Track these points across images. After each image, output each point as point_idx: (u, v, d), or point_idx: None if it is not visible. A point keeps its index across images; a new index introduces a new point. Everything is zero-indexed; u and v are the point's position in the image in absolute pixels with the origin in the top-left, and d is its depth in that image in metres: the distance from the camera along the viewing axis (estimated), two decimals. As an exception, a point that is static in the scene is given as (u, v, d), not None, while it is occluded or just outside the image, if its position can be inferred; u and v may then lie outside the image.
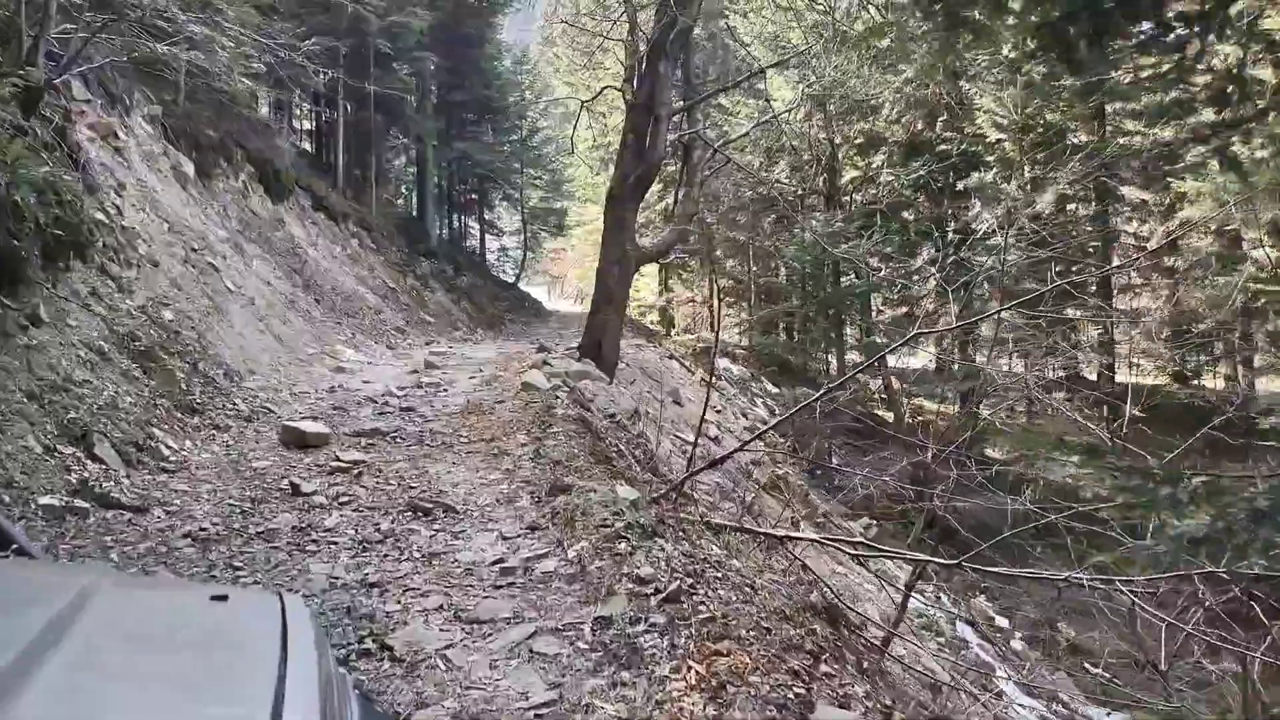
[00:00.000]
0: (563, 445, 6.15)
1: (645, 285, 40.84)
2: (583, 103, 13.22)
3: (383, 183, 28.69)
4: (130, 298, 7.05)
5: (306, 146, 28.95)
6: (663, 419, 9.58)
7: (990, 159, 19.59)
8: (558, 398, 7.99)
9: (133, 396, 5.59)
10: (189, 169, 13.77)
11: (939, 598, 14.52)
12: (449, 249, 30.81)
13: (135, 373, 5.93)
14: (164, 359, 6.47)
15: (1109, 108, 18.89)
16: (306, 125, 30.74)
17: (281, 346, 11.14)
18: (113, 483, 4.76)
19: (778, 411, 19.97)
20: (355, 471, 5.47)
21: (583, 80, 43.70)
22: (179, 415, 6.12)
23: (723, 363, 22.14)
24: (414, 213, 31.34)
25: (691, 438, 10.89)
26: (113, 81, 11.77)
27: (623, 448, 7.00)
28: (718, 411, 14.35)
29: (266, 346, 10.62)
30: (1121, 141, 19.02)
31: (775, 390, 22.66)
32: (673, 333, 32.82)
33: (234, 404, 7.21)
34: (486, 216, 36.63)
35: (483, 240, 36.78)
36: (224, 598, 1.26)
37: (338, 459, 5.73)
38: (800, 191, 19.33)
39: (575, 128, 13.68)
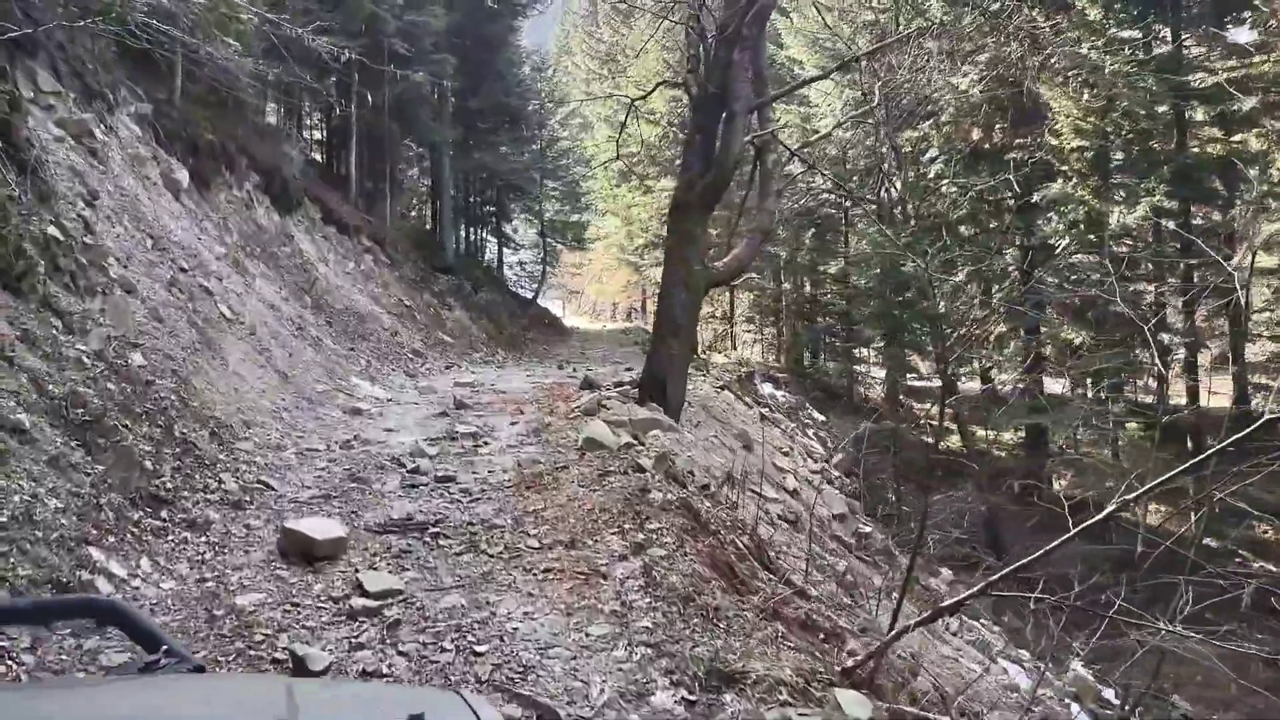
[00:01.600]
0: (675, 556, 4.37)
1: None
2: (631, 101, 11.47)
3: (397, 194, 27.03)
4: (83, 340, 5.29)
5: (317, 156, 27.32)
6: (757, 485, 7.77)
7: (1066, 168, 17.76)
8: (637, 466, 6.19)
9: (62, 497, 3.83)
10: (182, 176, 12.06)
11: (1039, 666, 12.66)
12: (466, 264, 29.12)
13: (73, 456, 4.17)
14: (120, 429, 4.70)
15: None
16: (317, 135, 29.17)
17: (286, 385, 9.37)
18: (7, 663, 2.98)
19: (829, 442, 18.14)
20: (388, 616, 3.66)
21: (604, 89, 42.23)
22: (135, 515, 4.36)
23: (766, 388, 20.33)
24: (429, 226, 29.68)
25: (776, 495, 9.08)
26: (92, 73, 10.08)
27: (741, 544, 5.19)
28: (785, 454, 12.53)
29: (268, 386, 8.86)
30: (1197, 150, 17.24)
31: (821, 418, 20.82)
32: (699, 351, 31.06)
33: (219, 481, 5.44)
34: (504, 230, 34.93)
35: (500, 254, 35.09)
36: (420, 717, 1.13)
37: (360, 587, 3.93)
38: (880, 198, 17.50)
39: (623, 129, 11.89)
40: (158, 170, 11.31)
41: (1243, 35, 17.24)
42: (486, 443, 7.89)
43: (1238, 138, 17.04)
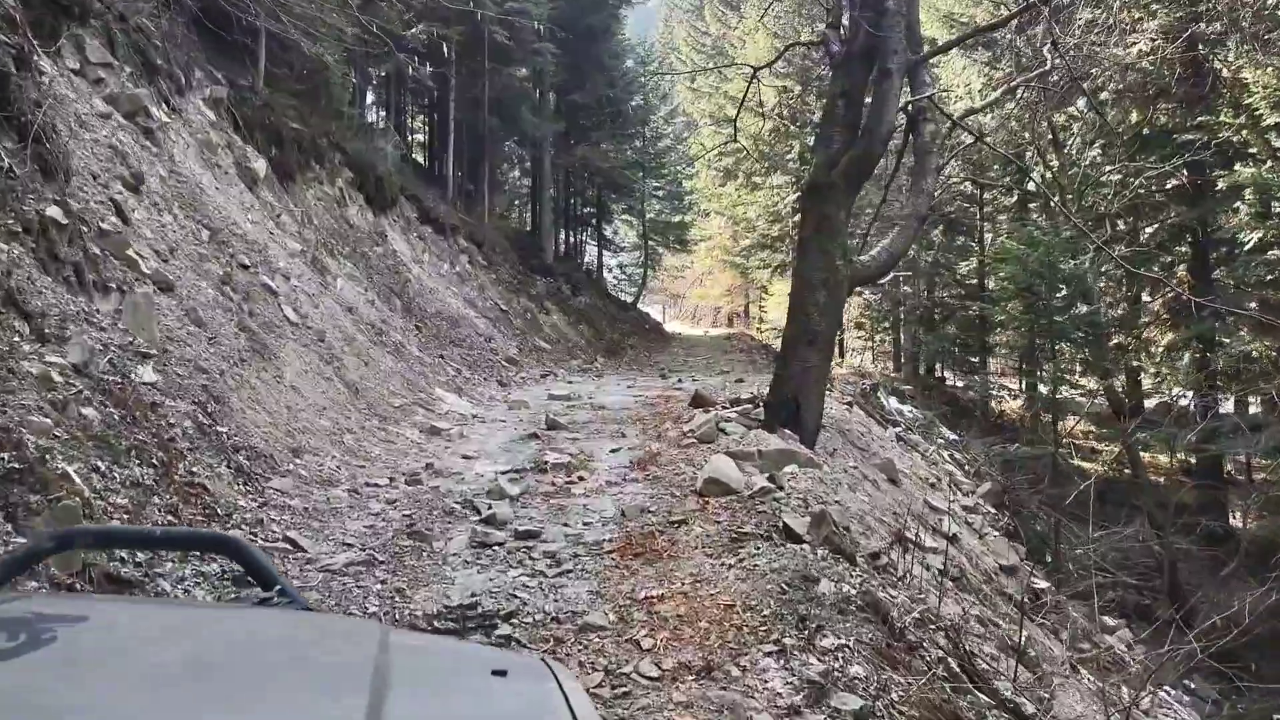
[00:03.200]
0: (877, 708, 2.74)
1: (771, 300, 37.17)
2: (754, 70, 9.78)
3: (496, 193, 26.11)
4: (58, 350, 4.02)
5: (418, 158, 26.69)
6: (914, 533, 6.01)
7: (1255, 150, 15.09)
8: (783, 528, 4.54)
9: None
10: (260, 166, 11.07)
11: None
12: (565, 266, 27.96)
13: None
14: (65, 479, 3.36)
15: None
16: (419, 138, 28.61)
17: (355, 400, 8.12)
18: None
19: (966, 465, 15.98)
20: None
21: (705, 87, 40.64)
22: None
23: (892, 402, 18.26)
24: (528, 227, 28.68)
25: (935, 543, 7.24)
26: (158, 50, 9.10)
27: (953, 665, 3.48)
28: (933, 485, 10.60)
29: (332, 402, 7.60)
30: None
31: (954, 436, 18.60)
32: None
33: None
34: (604, 231, 33.68)
35: (600, 256, 33.87)
36: (504, 673, 1.19)
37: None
38: (1038, 187, 15.28)
39: (741, 106, 10.22)
40: (231, 158, 10.32)
41: None
42: (582, 477, 6.38)
43: None
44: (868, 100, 7.89)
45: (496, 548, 4.57)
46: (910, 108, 8.06)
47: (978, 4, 18.54)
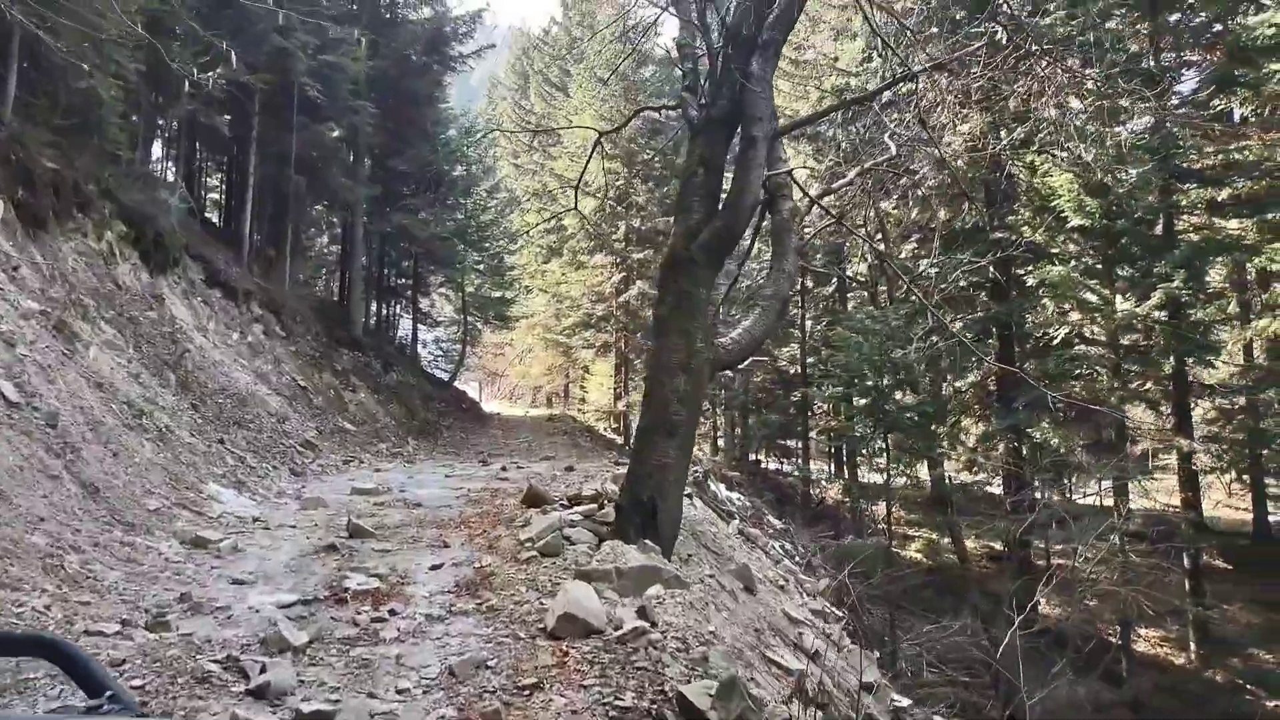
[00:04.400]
0: None
1: (594, 380, 36.45)
2: (600, 135, 9.00)
3: (299, 257, 23.91)
4: None
5: (213, 217, 24.09)
6: (778, 654, 5.07)
7: (1059, 251, 16.08)
8: (673, 696, 3.43)
9: None
10: (-8, 208, 8.96)
11: None
12: (376, 340, 25.92)
13: None
14: None
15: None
16: (217, 196, 25.94)
17: (93, 504, 6.26)
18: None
19: (798, 557, 15.54)
20: None
21: (529, 164, 40.26)
22: None
23: (721, 490, 17.70)
24: (336, 296, 26.50)
25: (797, 662, 6.33)
26: None
27: None
28: (781, 588, 9.80)
29: (55, 509, 5.76)
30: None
31: (780, 524, 18.26)
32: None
33: None
34: (420, 304, 31.82)
35: (415, 331, 31.90)
36: None
37: None
38: (866, 275, 15.37)
39: (582, 176, 9.37)
40: (-54, 194, 8.22)
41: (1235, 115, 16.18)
42: (394, 610, 4.97)
43: (1233, 224, 15.74)
44: (728, 171, 7.25)
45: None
46: (768, 183, 7.48)
47: (801, 98, 19.09)
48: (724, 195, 7.20)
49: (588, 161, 9.31)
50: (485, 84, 55.80)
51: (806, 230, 9.05)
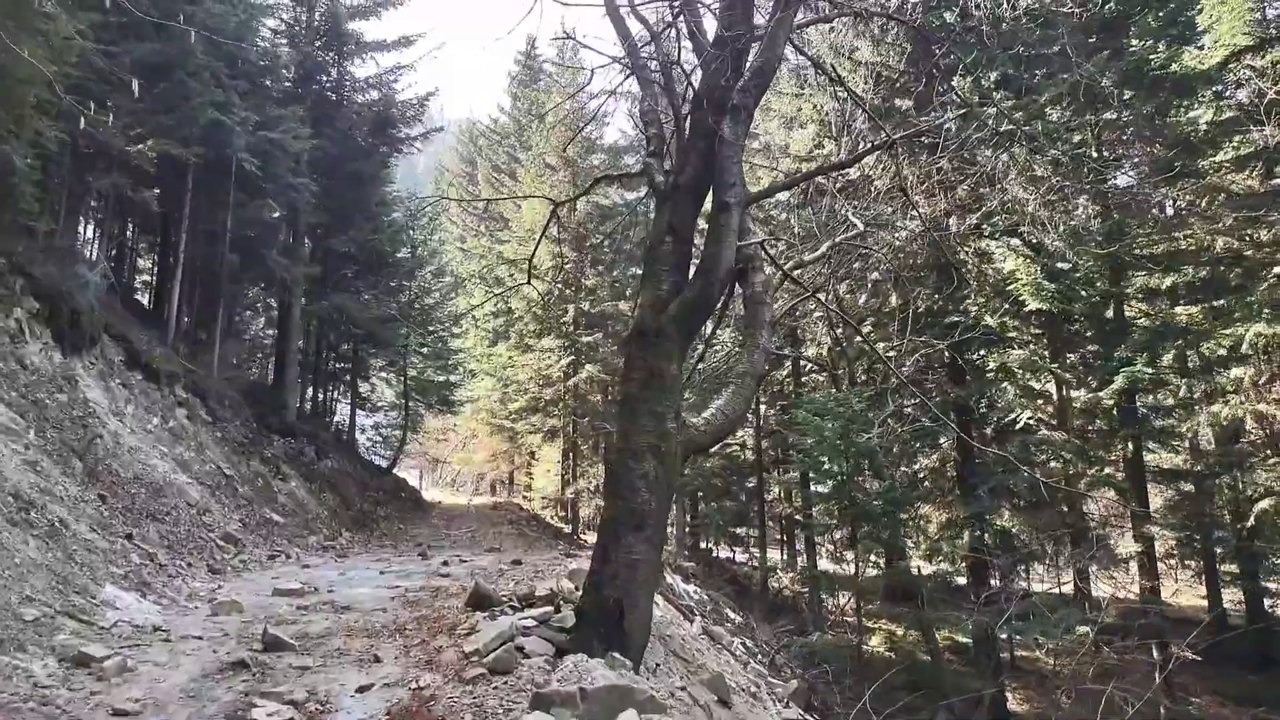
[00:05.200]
0: None
1: (540, 467, 35.31)
2: (555, 206, 8.48)
3: (230, 339, 22.77)
4: None
5: (140, 298, 22.95)
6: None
7: (1015, 336, 15.97)
8: None
9: None
10: None
11: None
12: (311, 426, 24.65)
13: None
14: None
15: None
16: (146, 278, 24.81)
17: (-52, 617, 5.22)
18: None
19: (760, 655, 14.63)
20: None
21: (476, 247, 39.86)
22: None
23: (677, 582, 16.77)
24: (269, 379, 25.27)
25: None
26: None
27: None
28: (754, 696, 8.94)
29: (-104, 626, 4.73)
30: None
31: (738, 618, 17.35)
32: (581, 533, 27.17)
33: None
34: (359, 388, 30.64)
35: (353, 416, 30.60)
36: None
37: None
38: (829, 360, 14.98)
39: (537, 248, 8.84)
40: None
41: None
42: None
43: (1181, 311, 15.85)
44: (698, 240, 6.76)
45: None
46: (739, 253, 6.99)
47: (753, 184, 19.07)
48: (693, 264, 6.68)
49: (543, 231, 8.80)
50: (432, 172, 55.85)
51: (775, 306, 8.59)
